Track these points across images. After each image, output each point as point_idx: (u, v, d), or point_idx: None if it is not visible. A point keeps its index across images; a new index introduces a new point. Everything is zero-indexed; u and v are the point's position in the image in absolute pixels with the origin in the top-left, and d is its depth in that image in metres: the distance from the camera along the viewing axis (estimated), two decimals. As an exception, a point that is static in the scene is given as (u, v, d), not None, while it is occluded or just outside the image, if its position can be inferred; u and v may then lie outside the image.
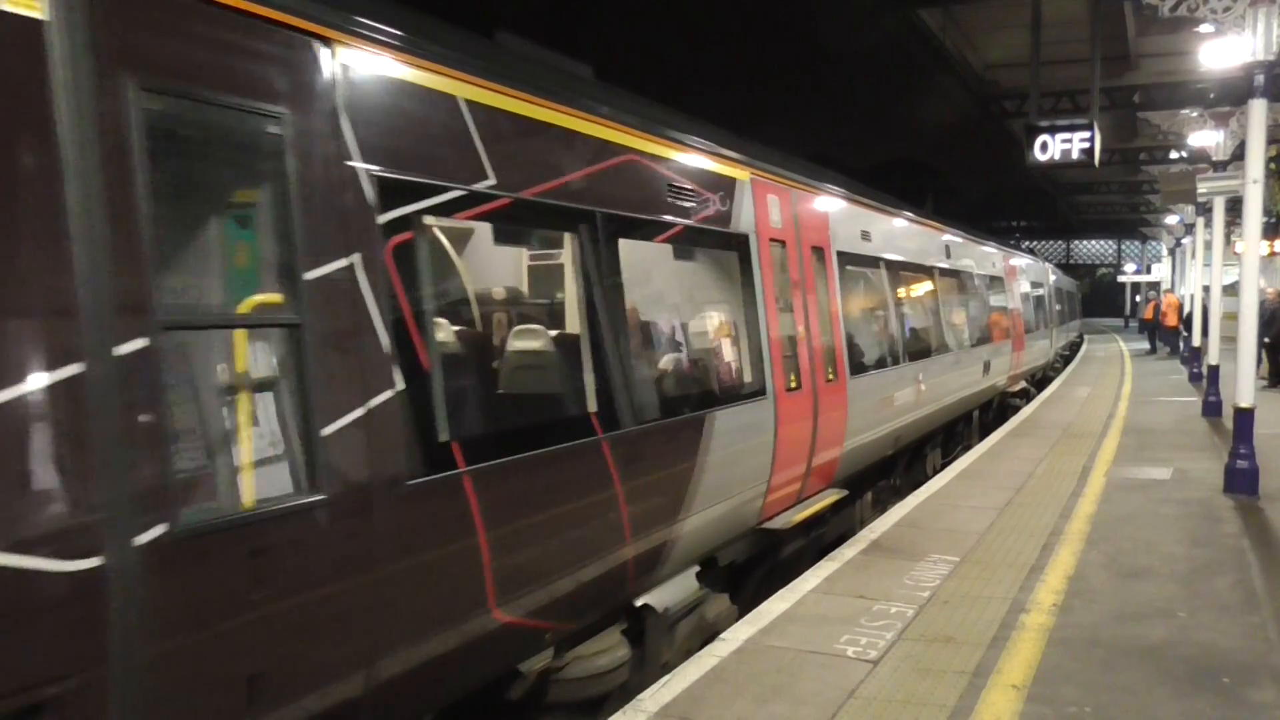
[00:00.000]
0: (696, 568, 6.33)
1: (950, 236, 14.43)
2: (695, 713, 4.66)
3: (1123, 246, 73.53)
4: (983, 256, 16.58)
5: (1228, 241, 15.53)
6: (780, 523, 7.38)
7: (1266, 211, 15.15)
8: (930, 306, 12.80)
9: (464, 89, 4.36)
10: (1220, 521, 8.45)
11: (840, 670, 5.15)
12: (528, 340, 5.42)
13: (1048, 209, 53.94)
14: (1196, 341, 20.97)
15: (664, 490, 5.69)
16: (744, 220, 7.02)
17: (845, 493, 8.75)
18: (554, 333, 5.62)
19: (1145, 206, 39.59)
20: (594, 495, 5.03)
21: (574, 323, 5.51)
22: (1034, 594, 6.40)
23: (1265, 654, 5.36)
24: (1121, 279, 60.70)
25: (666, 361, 6.45)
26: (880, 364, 10.00)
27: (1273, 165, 17.10)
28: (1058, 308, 28.17)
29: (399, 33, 4.05)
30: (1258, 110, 9.25)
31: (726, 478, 6.39)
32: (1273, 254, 24.12)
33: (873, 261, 10.31)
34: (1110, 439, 13.30)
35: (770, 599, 6.42)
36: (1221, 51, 11.14)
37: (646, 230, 5.89)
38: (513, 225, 5.15)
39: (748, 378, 6.99)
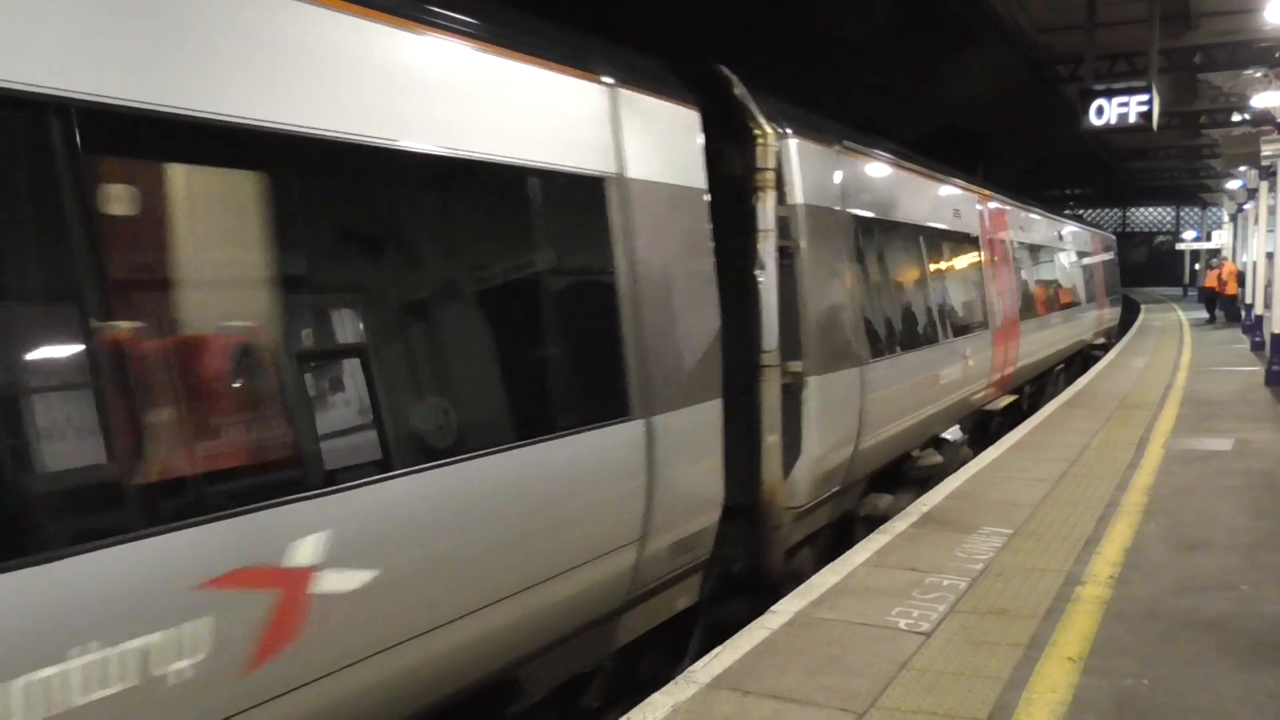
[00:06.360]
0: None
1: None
2: (747, 684, 4.68)
3: (1181, 214, 71.50)
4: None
5: (1293, 206, 15.00)
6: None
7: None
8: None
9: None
10: (1284, 493, 8.25)
11: (892, 642, 5.14)
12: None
13: (1103, 176, 52.61)
14: (1259, 310, 20.41)
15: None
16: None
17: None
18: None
19: (1205, 171, 38.45)
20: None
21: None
22: (1090, 566, 6.31)
23: (1332, 627, 5.23)
24: (1180, 247, 59.14)
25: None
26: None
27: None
28: (1005, 290, 13.36)
29: None
30: (1326, 68, 8.93)
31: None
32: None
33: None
34: (1168, 410, 13.02)
35: (820, 572, 6.42)
36: (1288, 8, 10.74)
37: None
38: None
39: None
